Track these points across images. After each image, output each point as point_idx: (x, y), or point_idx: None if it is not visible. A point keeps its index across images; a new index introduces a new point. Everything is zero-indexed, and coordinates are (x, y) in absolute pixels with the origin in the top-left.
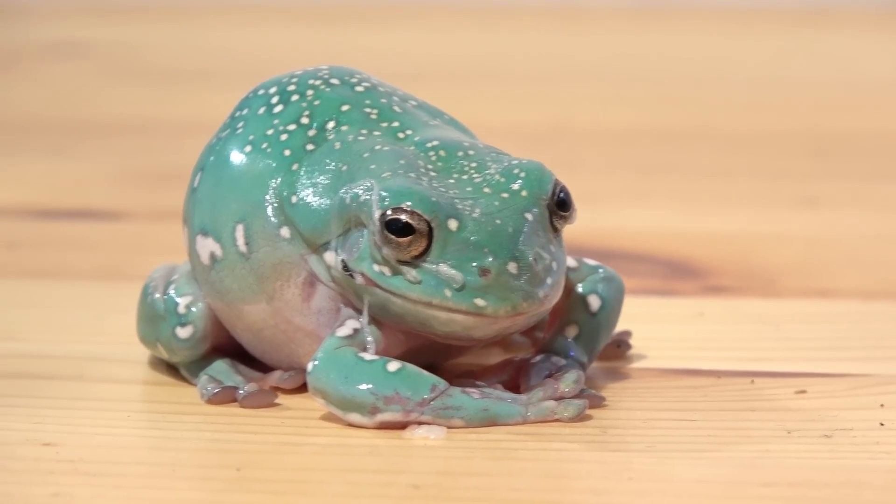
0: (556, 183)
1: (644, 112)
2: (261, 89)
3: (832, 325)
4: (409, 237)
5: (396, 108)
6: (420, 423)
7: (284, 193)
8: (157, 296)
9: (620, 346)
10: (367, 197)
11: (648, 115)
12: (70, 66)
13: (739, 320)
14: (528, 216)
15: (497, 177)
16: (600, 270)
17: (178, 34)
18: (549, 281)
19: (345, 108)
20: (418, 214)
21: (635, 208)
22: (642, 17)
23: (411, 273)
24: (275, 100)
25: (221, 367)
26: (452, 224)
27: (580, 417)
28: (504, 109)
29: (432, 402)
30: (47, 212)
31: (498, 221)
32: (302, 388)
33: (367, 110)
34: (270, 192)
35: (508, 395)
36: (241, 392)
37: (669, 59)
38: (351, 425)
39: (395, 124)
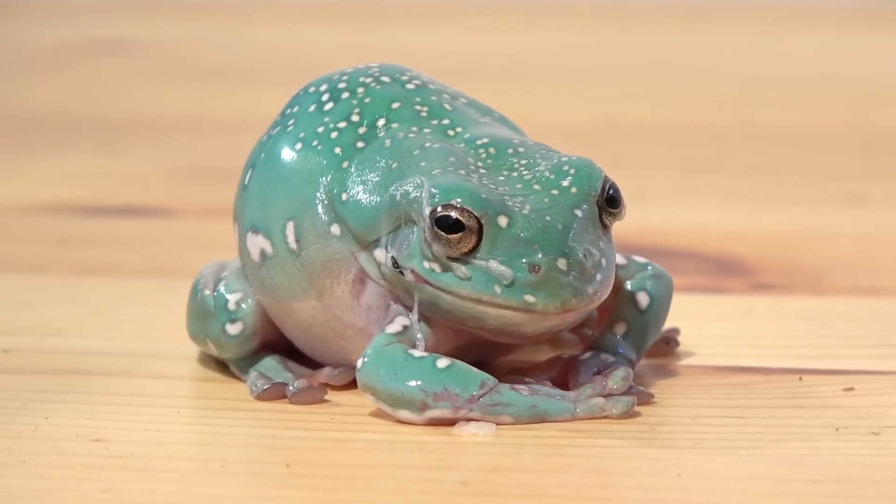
0: (606, 179)
1: (692, 110)
2: (311, 87)
3: (880, 322)
4: (459, 234)
5: (447, 106)
6: (469, 420)
7: (335, 191)
8: (207, 292)
9: (669, 344)
10: (418, 194)
11: (696, 112)
12: (119, 63)
13: (787, 318)
14: (578, 213)
15: (547, 173)
16: (649, 268)
17: (226, 32)
18: (598, 277)
19: (395, 105)
20: (468, 211)
21: (683, 206)
22: (690, 15)
23: (461, 269)
24: (325, 97)
25: (271, 364)
26: (502, 220)
27: (629, 414)
28: (552, 107)
29: (481, 399)
30: (96, 209)
31: (548, 218)
32: (351, 384)
33: (418, 108)
34: (321, 189)
35: (557, 391)
36: (290, 388)
37: (717, 56)
38: (400, 422)
39: (446, 122)
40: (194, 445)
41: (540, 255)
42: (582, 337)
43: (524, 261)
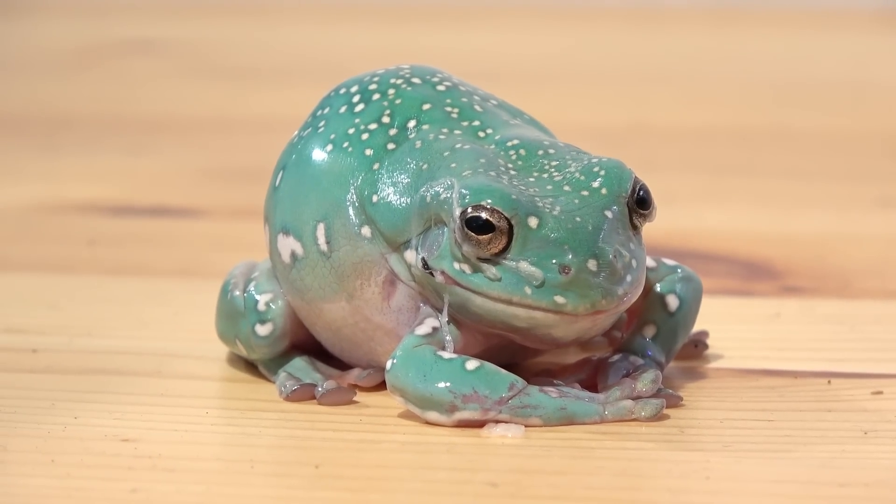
0: (636, 181)
1: (721, 112)
2: (342, 88)
3: None
4: (490, 234)
5: (477, 108)
6: (498, 422)
7: (365, 193)
8: (238, 293)
9: (698, 346)
10: (448, 195)
11: (726, 115)
12: (147, 63)
13: (816, 321)
14: (608, 214)
15: (577, 175)
16: (679, 270)
17: (255, 32)
18: (628, 278)
19: (426, 106)
20: (498, 212)
21: (712, 209)
22: (720, 18)
23: (491, 270)
24: (356, 98)
25: (300, 365)
26: (532, 221)
27: (658, 417)
28: (581, 109)
29: (510, 401)
30: (126, 209)
31: (578, 219)
32: (380, 385)
33: (448, 109)
34: (352, 191)
35: (586, 394)
36: (319, 389)
37: (747, 59)
38: (429, 423)
39: (476, 123)
40: (223, 446)
41: (570, 256)
42: (611, 339)
43: (554, 262)
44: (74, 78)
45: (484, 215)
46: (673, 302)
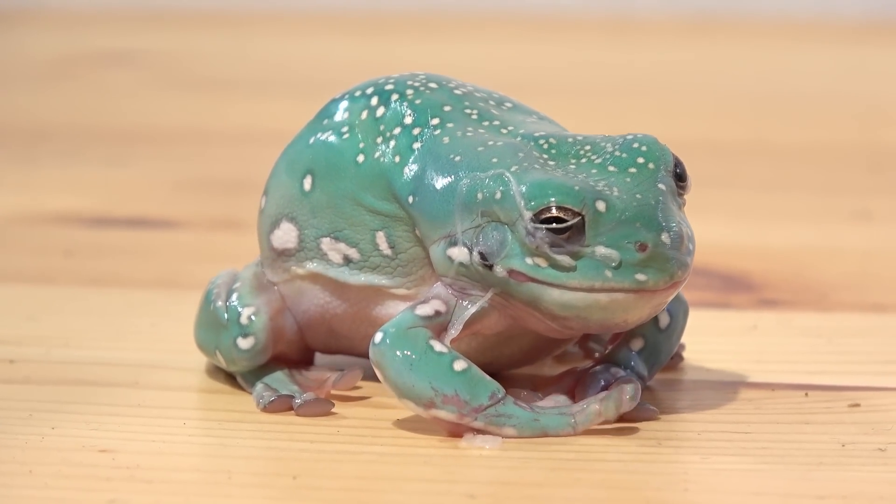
0: (674, 155)
1: (699, 125)
2: (356, 91)
3: (886, 338)
4: (567, 232)
5: (494, 111)
6: (472, 430)
7: (404, 197)
8: (220, 303)
9: (674, 358)
10: (503, 193)
11: (703, 128)
12: (126, 74)
13: (793, 334)
14: (662, 186)
15: (618, 153)
16: None
17: (234, 44)
18: (691, 247)
19: (447, 108)
20: (568, 208)
21: (690, 221)
22: (697, 31)
23: (567, 260)
24: (374, 101)
25: (278, 376)
26: (601, 205)
27: (622, 416)
28: (558, 121)
29: (487, 410)
30: (104, 220)
31: (639, 196)
32: (358, 395)
33: (468, 111)
34: (398, 202)
35: (557, 409)
36: (297, 401)
37: (724, 72)
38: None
39: (497, 123)
40: (200, 457)
41: (645, 233)
42: (586, 351)
43: (629, 242)
44: (53, 89)
45: (555, 213)
46: (664, 318)
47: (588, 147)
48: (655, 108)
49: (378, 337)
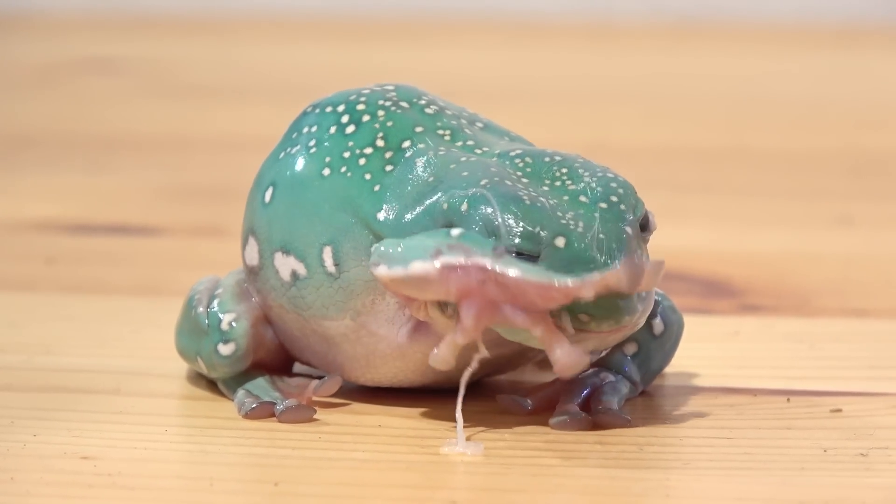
0: (644, 207)
1: (680, 131)
2: (327, 106)
3: (867, 344)
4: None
5: (467, 130)
6: (483, 276)
7: (371, 213)
8: (201, 310)
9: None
10: (479, 212)
11: (685, 134)
12: (107, 82)
13: (775, 339)
14: (629, 229)
15: (594, 185)
16: (667, 300)
17: (215, 51)
18: (644, 294)
19: (418, 129)
20: (529, 231)
21: (671, 227)
22: (679, 37)
23: None
24: (345, 119)
25: (259, 383)
26: (560, 241)
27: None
28: (540, 127)
29: (494, 252)
30: (84, 226)
31: (602, 236)
32: (339, 401)
33: (441, 132)
34: (357, 215)
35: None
36: (278, 407)
37: (705, 78)
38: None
39: (470, 143)
40: (182, 463)
41: (597, 275)
42: None
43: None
44: (34, 96)
45: (518, 241)
46: (658, 326)
47: (565, 170)
48: (637, 115)
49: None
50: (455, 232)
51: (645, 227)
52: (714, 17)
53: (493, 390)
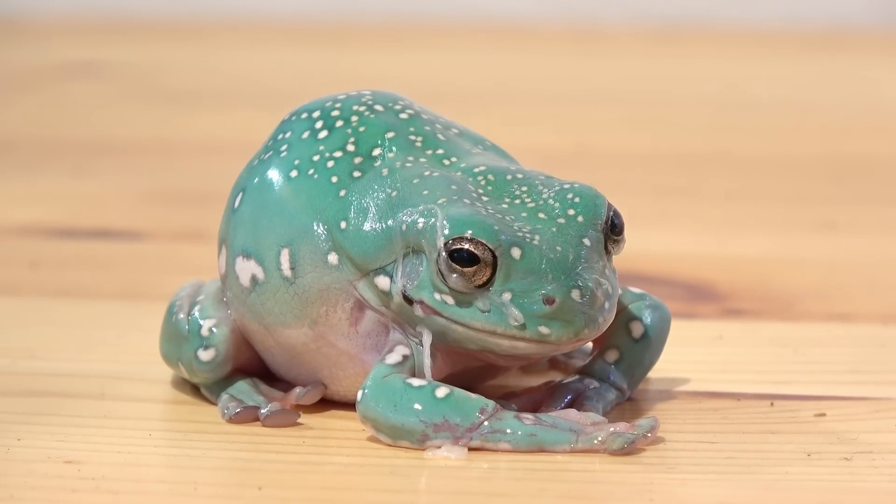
0: (609, 206)
1: (664, 136)
2: (303, 112)
3: (851, 348)
4: (475, 267)
5: (440, 136)
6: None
7: (333, 220)
8: (182, 315)
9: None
10: (428, 224)
11: (668, 138)
12: (89, 86)
13: (759, 343)
14: (587, 241)
15: (551, 202)
16: (646, 298)
17: (197, 55)
18: (607, 305)
19: (390, 135)
20: (483, 244)
21: (655, 231)
22: (662, 42)
23: (475, 302)
24: (318, 124)
25: (243, 387)
26: (515, 252)
27: (627, 451)
28: (522, 132)
29: (480, 427)
30: (67, 231)
31: (559, 248)
32: (322, 403)
33: (412, 138)
34: (318, 218)
35: (566, 423)
36: (262, 411)
37: (689, 83)
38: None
39: (440, 151)
40: (166, 468)
41: (555, 287)
42: (553, 362)
43: (539, 293)
44: (16, 101)
45: (468, 247)
46: (637, 328)
47: (525, 188)
48: (621, 119)
49: (359, 395)
50: (440, 392)
51: (616, 229)
52: (698, 23)
53: (490, 395)
